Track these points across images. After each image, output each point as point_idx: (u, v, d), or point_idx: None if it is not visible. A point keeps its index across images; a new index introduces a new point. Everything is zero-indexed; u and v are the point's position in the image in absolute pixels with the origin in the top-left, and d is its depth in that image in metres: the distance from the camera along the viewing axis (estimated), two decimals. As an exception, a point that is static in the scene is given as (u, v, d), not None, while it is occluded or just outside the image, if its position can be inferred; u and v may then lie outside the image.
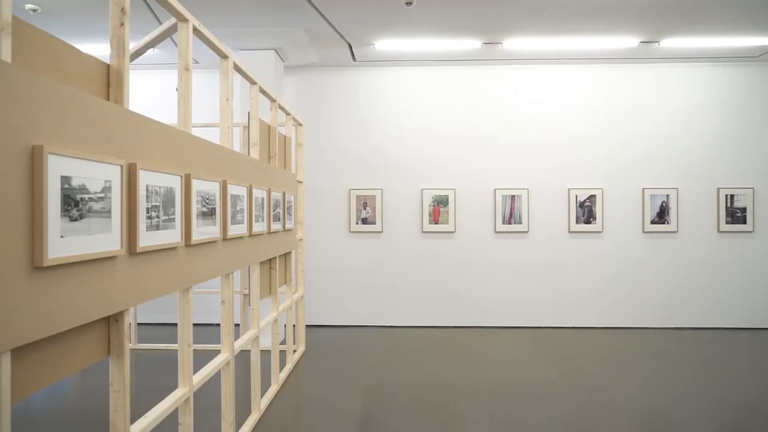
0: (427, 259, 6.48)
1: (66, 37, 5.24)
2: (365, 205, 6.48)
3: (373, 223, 6.47)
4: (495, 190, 6.40)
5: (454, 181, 6.47)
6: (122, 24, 1.79)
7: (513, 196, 6.39)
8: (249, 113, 3.60)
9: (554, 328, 6.37)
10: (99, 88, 1.76)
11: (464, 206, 6.47)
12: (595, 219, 6.35)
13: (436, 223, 6.43)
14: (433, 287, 6.47)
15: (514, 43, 5.67)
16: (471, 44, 5.70)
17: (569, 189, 6.37)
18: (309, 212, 6.45)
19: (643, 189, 6.33)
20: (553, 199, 6.41)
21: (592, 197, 6.35)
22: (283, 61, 5.85)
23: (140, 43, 2.93)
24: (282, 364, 4.70)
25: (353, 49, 5.87)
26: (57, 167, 1.37)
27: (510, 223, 6.39)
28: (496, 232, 6.43)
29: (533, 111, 6.42)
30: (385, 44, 5.70)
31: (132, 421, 1.87)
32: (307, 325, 6.33)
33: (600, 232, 6.37)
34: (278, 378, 4.17)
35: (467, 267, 6.46)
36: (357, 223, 6.49)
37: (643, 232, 6.36)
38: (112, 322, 1.76)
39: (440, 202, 6.43)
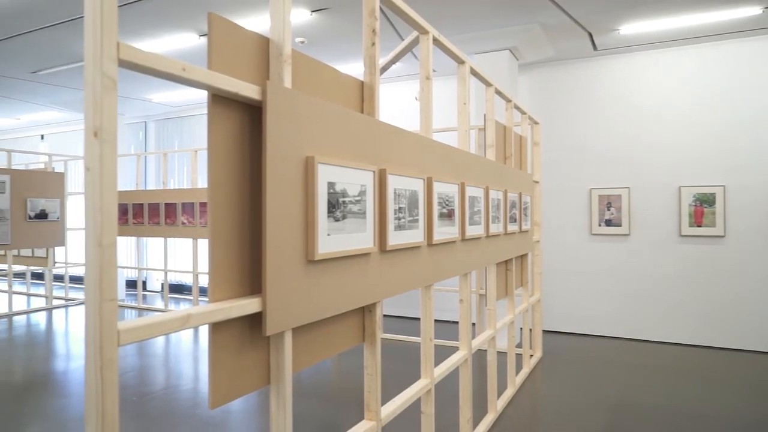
0: (686, 267, 5.62)
1: (327, 60, 6.07)
2: (609, 206, 5.94)
3: (619, 225, 5.90)
4: (781, 185, 5.22)
5: (724, 177, 5.47)
6: (373, 44, 1.98)
7: (808, 193, 5.11)
8: (485, 115, 3.64)
9: None
10: (354, 102, 1.97)
11: (737, 206, 5.42)
12: None
13: (699, 226, 5.53)
14: (693, 300, 5.59)
15: (809, 2, 4.55)
16: (745, 12, 4.76)
17: None
18: (546, 213, 6.22)
19: None
20: None
21: None
22: (517, 59, 5.76)
23: (387, 59, 3.21)
24: (518, 368, 4.62)
25: (594, 38, 5.45)
26: (325, 175, 1.58)
27: (804, 226, 5.13)
28: (782, 236, 5.24)
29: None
30: (631, 27, 5.15)
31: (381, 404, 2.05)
32: (544, 331, 6.10)
33: None
34: (514, 381, 4.11)
35: (739, 279, 5.39)
36: (600, 225, 5.99)
37: None
38: (366, 312, 1.95)
39: (704, 202, 5.51)
